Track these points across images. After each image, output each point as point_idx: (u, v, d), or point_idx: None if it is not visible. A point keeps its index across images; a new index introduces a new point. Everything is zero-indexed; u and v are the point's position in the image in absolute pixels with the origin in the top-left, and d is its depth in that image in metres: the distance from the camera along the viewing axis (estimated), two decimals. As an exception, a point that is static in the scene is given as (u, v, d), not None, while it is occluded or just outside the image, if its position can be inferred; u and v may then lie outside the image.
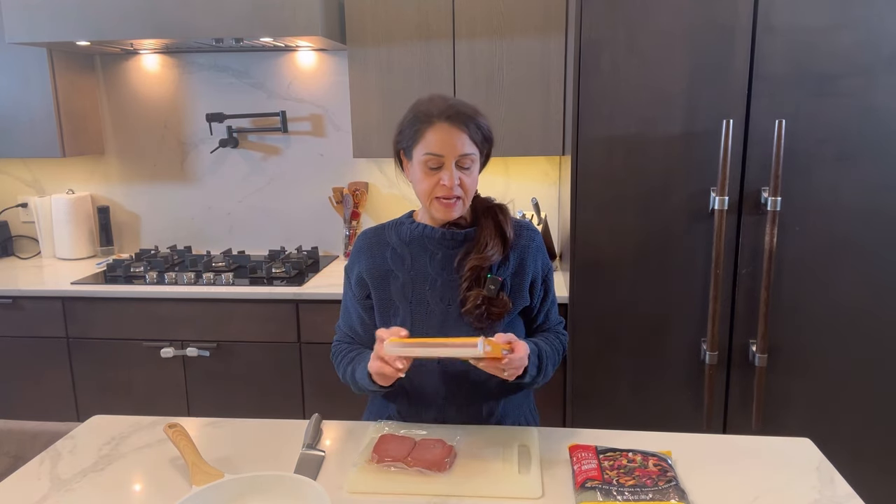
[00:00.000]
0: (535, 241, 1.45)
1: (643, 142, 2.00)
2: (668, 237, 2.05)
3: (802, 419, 2.11)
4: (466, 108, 1.33)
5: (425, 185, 1.34)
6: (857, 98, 1.91)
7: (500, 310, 1.36)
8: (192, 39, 2.37)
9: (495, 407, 1.43)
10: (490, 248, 1.36)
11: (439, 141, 1.30)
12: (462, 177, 1.32)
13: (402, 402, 1.45)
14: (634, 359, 2.14)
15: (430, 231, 1.40)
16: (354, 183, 2.83)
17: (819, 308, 2.04)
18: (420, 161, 1.33)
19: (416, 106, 1.36)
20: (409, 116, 1.36)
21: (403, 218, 1.47)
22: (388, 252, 1.42)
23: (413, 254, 1.41)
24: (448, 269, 1.39)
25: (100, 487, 1.20)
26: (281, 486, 1.11)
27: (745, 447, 1.31)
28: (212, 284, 2.46)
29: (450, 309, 1.38)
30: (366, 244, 1.45)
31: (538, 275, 1.44)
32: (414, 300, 1.39)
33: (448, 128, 1.30)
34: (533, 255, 1.43)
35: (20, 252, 3.06)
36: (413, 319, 1.38)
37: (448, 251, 1.40)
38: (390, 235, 1.44)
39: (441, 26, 2.39)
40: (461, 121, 1.31)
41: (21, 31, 2.34)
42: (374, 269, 1.42)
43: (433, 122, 1.31)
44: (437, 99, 1.34)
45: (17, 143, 2.65)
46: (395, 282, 1.40)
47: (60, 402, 2.53)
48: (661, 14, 1.93)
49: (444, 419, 1.42)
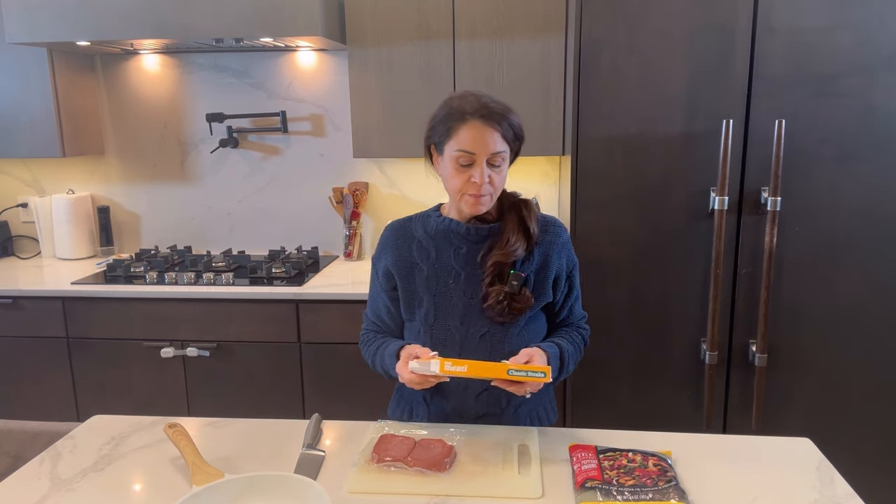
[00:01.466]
0: (562, 238, 1.45)
1: (643, 142, 2.00)
2: (668, 237, 2.05)
3: (802, 419, 2.11)
4: (499, 105, 1.34)
5: (456, 182, 1.35)
6: (857, 98, 1.91)
7: (521, 305, 1.38)
8: (192, 39, 2.37)
9: (513, 397, 1.43)
10: (513, 243, 1.37)
11: (472, 138, 1.31)
12: (492, 174, 1.34)
13: (428, 390, 1.47)
14: (634, 359, 2.14)
15: (456, 225, 1.42)
16: (354, 183, 2.83)
17: (819, 308, 2.04)
18: (451, 157, 1.34)
19: (449, 102, 1.36)
20: (441, 112, 1.36)
21: (430, 211, 1.49)
22: (414, 245, 1.45)
23: (438, 247, 1.43)
24: (472, 264, 1.41)
25: (100, 487, 1.20)
26: (281, 486, 1.11)
27: (745, 447, 1.31)
28: (212, 284, 2.46)
29: (472, 303, 1.40)
30: (392, 237, 1.48)
31: (563, 271, 1.45)
32: (438, 292, 1.42)
33: (481, 125, 1.31)
34: (558, 252, 1.43)
35: (20, 252, 3.06)
36: (437, 311, 1.41)
37: (472, 245, 1.41)
38: (416, 228, 1.47)
39: (441, 26, 2.39)
40: (494, 119, 1.31)
41: (21, 31, 2.34)
42: (399, 261, 1.45)
43: (466, 120, 1.31)
44: (469, 96, 1.35)
45: (18, 143, 2.65)
46: (420, 274, 1.43)
47: (60, 402, 2.53)
48: (661, 14, 1.93)
49: (463, 409, 1.43)
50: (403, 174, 2.85)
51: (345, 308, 2.37)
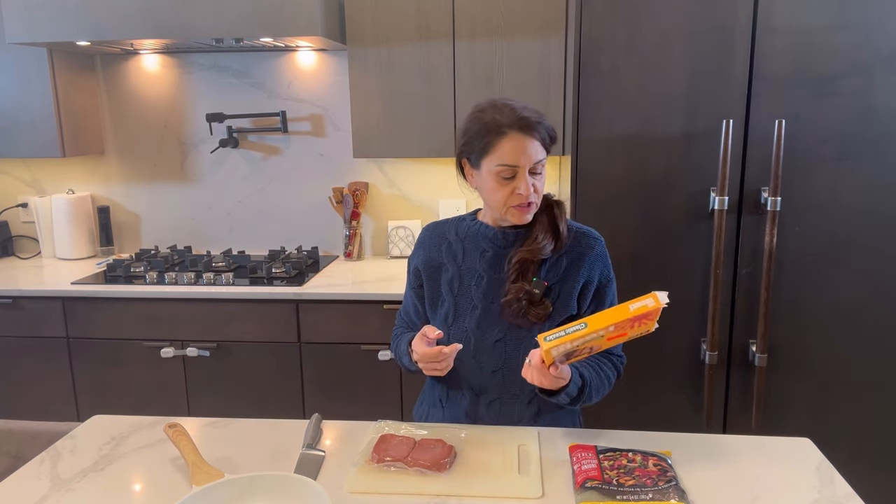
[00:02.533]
0: (595, 250, 1.41)
1: (643, 142, 2.00)
2: (668, 237, 2.05)
3: (802, 419, 2.11)
4: (533, 113, 1.32)
5: (500, 195, 1.34)
6: (856, 98, 1.91)
7: (539, 312, 1.36)
8: (192, 39, 2.37)
9: (525, 410, 1.43)
10: (541, 241, 1.36)
11: (513, 151, 1.29)
12: (535, 182, 1.33)
13: (443, 390, 1.49)
14: (634, 359, 2.13)
15: (485, 229, 1.43)
16: (354, 183, 2.83)
17: (819, 308, 2.04)
18: (492, 172, 1.32)
19: (482, 115, 1.33)
20: (474, 127, 1.34)
21: (467, 215, 1.50)
22: (444, 246, 1.47)
23: (466, 249, 1.44)
24: (495, 268, 1.41)
25: (100, 487, 1.20)
26: (281, 486, 1.11)
27: (745, 447, 1.31)
28: (212, 284, 2.46)
29: (491, 307, 1.40)
30: (426, 237, 1.51)
31: (592, 282, 1.40)
32: (459, 294, 1.42)
33: (521, 137, 1.29)
34: (590, 262, 1.40)
35: (20, 252, 3.06)
36: (456, 312, 1.42)
37: (499, 250, 1.41)
38: (449, 230, 1.48)
39: (441, 26, 2.39)
40: (532, 128, 1.30)
41: (21, 31, 2.34)
42: (429, 261, 1.47)
43: (505, 133, 1.29)
44: (504, 107, 1.32)
45: (18, 143, 2.65)
46: (446, 274, 1.44)
47: (60, 402, 2.53)
48: (661, 14, 1.93)
49: (476, 416, 1.44)
50: (403, 174, 2.85)
51: (345, 308, 2.37)
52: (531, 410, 1.43)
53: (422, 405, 1.57)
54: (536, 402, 1.42)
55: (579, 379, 1.31)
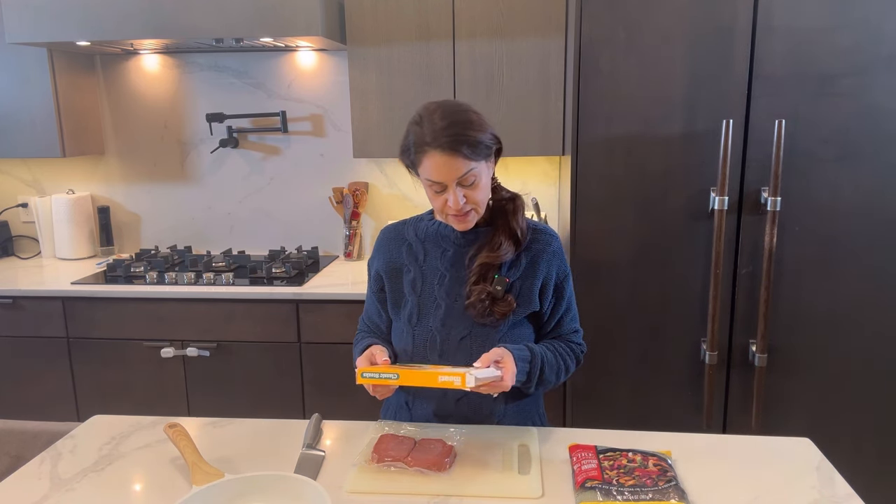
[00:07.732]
0: (552, 247, 1.42)
1: (643, 142, 2.00)
2: (668, 237, 2.05)
3: (802, 419, 2.11)
4: (458, 126, 1.27)
5: (436, 204, 1.35)
6: (857, 98, 1.91)
7: (503, 309, 1.36)
8: (192, 39, 2.37)
9: (495, 407, 1.43)
10: (503, 247, 1.37)
11: (435, 168, 1.28)
12: (468, 192, 1.31)
13: (408, 393, 1.48)
14: (634, 359, 2.14)
15: (444, 228, 1.43)
16: (354, 183, 2.83)
17: (819, 308, 2.04)
18: (425, 183, 1.34)
19: (414, 127, 1.32)
20: (407, 138, 1.33)
21: (425, 214, 1.49)
22: (404, 247, 1.46)
23: (427, 250, 1.44)
24: (457, 266, 1.41)
25: (100, 487, 1.20)
26: (281, 486, 1.11)
27: (744, 447, 1.31)
28: (212, 284, 2.46)
29: (455, 304, 1.39)
30: (385, 240, 1.50)
31: (550, 280, 1.42)
32: (423, 293, 1.42)
33: (440, 155, 1.27)
34: (547, 260, 1.41)
35: (20, 252, 3.06)
36: (420, 312, 1.41)
37: (459, 249, 1.41)
38: (409, 231, 1.48)
39: (441, 26, 2.39)
40: (452, 147, 1.26)
41: (21, 31, 2.34)
42: (390, 263, 1.46)
43: (426, 151, 1.28)
44: (430, 119, 1.29)
45: (18, 143, 2.65)
46: (407, 275, 1.43)
47: (60, 402, 2.53)
48: (661, 14, 1.93)
49: (445, 414, 1.42)
50: (403, 174, 2.81)
51: (345, 308, 2.37)
52: (499, 402, 1.43)
53: (388, 409, 1.54)
54: (502, 394, 1.41)
55: (528, 357, 1.32)
